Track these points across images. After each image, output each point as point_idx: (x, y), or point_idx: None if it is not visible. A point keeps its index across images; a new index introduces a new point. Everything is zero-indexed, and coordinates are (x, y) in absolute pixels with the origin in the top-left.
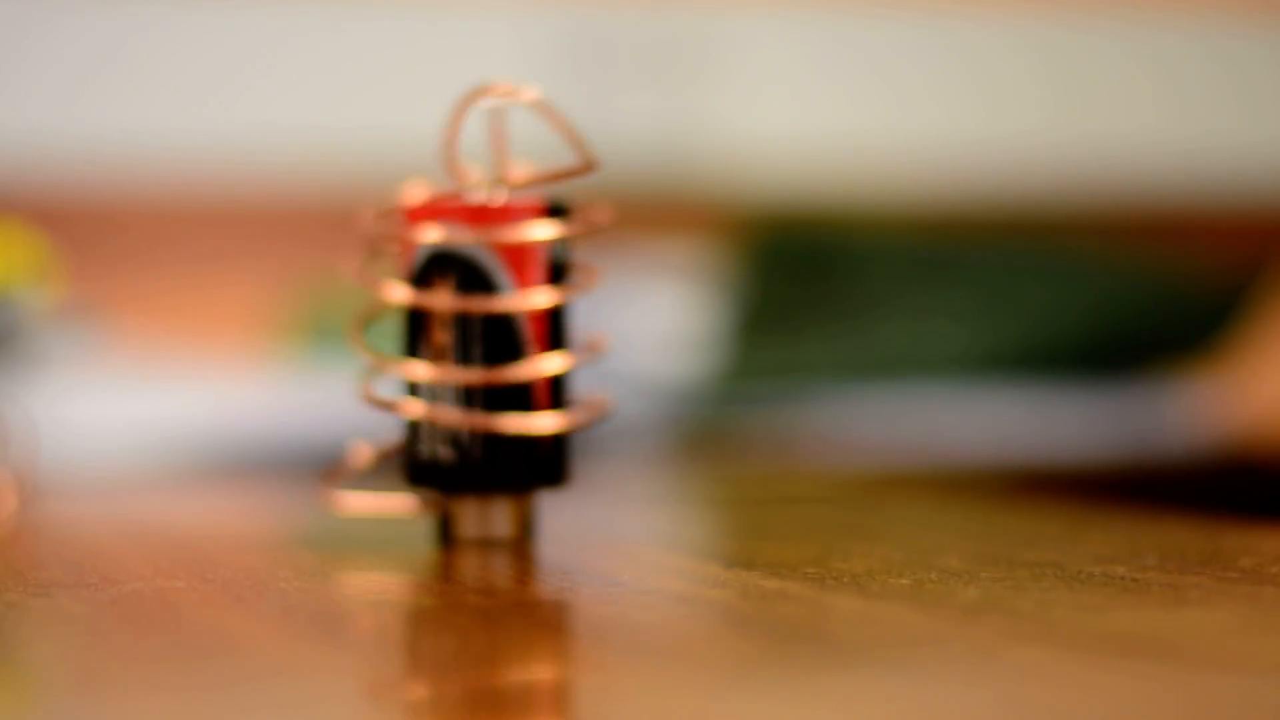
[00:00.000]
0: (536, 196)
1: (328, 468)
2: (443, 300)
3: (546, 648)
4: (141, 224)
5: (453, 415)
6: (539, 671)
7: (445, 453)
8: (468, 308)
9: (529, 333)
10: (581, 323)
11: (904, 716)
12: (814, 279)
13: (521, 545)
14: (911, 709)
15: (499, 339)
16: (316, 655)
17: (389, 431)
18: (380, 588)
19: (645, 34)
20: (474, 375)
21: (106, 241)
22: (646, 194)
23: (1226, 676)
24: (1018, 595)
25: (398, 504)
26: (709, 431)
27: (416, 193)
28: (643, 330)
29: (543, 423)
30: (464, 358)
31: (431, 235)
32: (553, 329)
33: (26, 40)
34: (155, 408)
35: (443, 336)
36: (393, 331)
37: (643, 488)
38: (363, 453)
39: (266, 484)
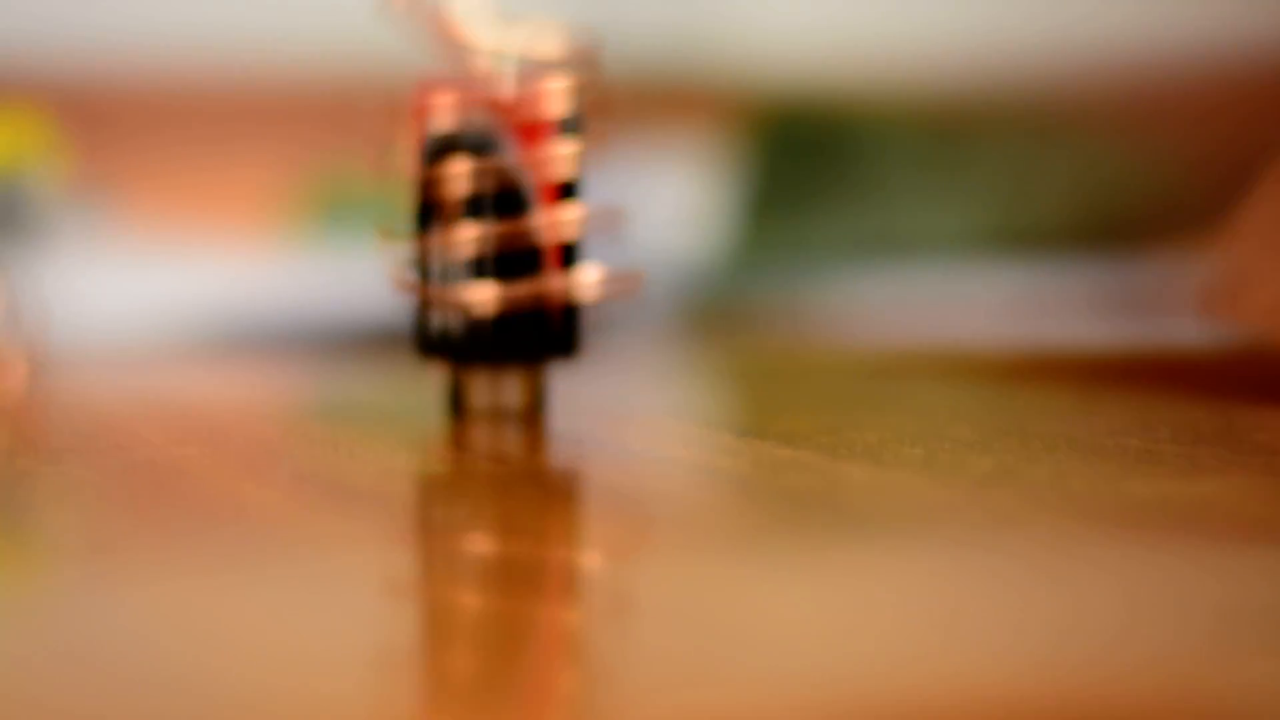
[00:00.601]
0: (547, 74)
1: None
2: (455, 169)
3: (558, 516)
4: (157, 104)
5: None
6: (550, 540)
7: (456, 324)
8: (481, 171)
9: (542, 201)
10: (595, 202)
11: (921, 585)
12: (823, 159)
13: (533, 416)
14: (928, 577)
15: (511, 209)
16: (329, 524)
17: (398, 306)
18: (392, 457)
19: None
20: (489, 230)
21: (121, 121)
22: (657, 77)
23: (1247, 544)
24: (1032, 465)
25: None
26: (719, 308)
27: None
28: (654, 209)
29: (562, 285)
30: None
31: (443, 115)
32: (564, 195)
33: None
34: (166, 284)
35: (455, 210)
36: (403, 216)
37: (654, 361)
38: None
39: (276, 359)
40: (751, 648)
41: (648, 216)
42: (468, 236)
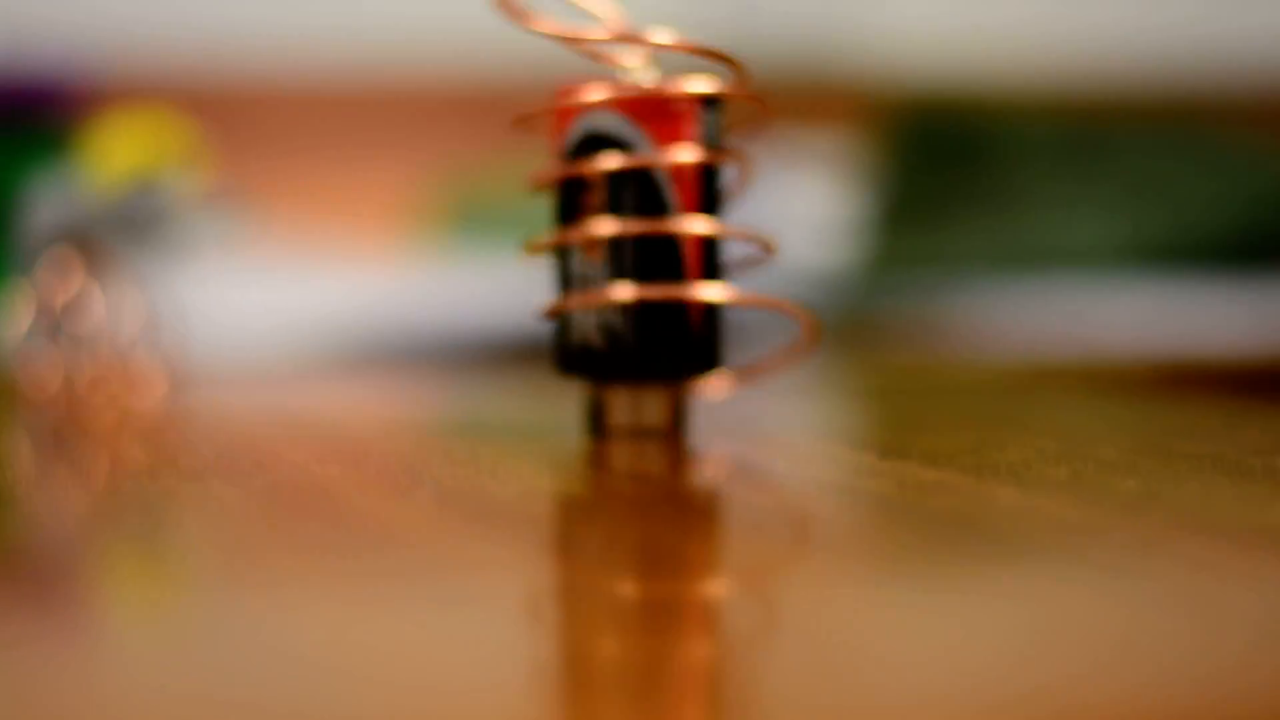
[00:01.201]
0: (690, 83)
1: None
2: (600, 166)
3: (701, 538)
4: (289, 110)
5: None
6: (693, 564)
7: (597, 340)
8: (624, 168)
9: (683, 204)
10: (731, 213)
11: (1069, 609)
12: (961, 167)
13: (674, 434)
14: (1077, 601)
15: (650, 205)
16: (472, 548)
17: (535, 320)
18: (533, 476)
19: None
20: (629, 229)
21: (254, 128)
22: (793, 80)
23: None
24: (1178, 487)
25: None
26: (856, 321)
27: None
28: (789, 218)
29: (702, 293)
30: (618, 240)
31: (589, 114)
32: (704, 197)
33: None
34: (302, 295)
35: (597, 205)
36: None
37: (793, 376)
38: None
39: (413, 372)
40: (896, 672)
41: (783, 224)
42: (609, 234)
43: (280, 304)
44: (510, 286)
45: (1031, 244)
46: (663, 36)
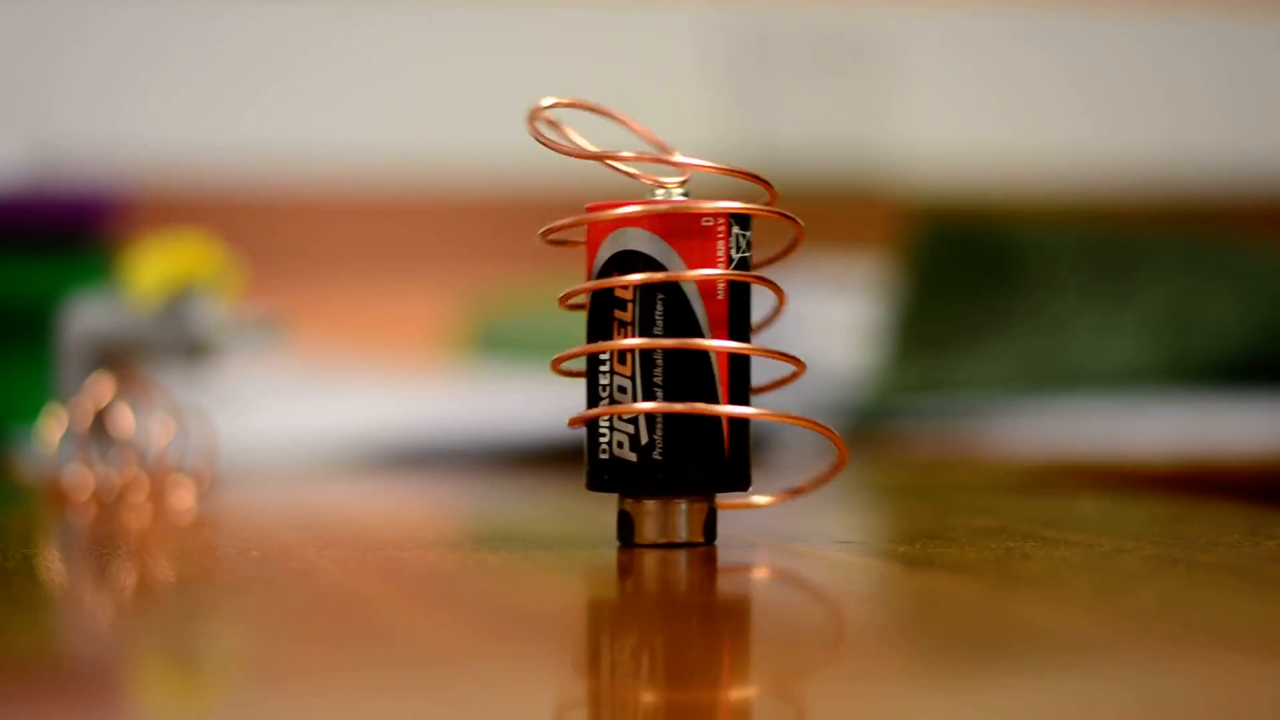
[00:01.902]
0: (718, 199)
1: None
2: (629, 279)
3: (728, 648)
4: (318, 227)
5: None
6: (720, 674)
7: (627, 455)
8: (651, 282)
9: (712, 321)
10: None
11: (1079, 716)
12: (984, 287)
13: (701, 545)
14: (1090, 714)
15: (680, 321)
16: (504, 663)
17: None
18: (564, 586)
19: (810, 32)
20: (658, 345)
21: (283, 249)
22: (818, 199)
23: None
24: (1196, 597)
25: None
26: (880, 431)
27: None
28: (818, 335)
29: (732, 410)
30: (648, 357)
31: (619, 232)
32: (734, 314)
33: (214, 46)
34: (330, 413)
35: (625, 335)
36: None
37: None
38: None
39: (443, 480)
40: None
41: (812, 341)
42: (637, 348)
43: (308, 422)
44: (539, 399)
45: (1054, 367)
46: (692, 157)
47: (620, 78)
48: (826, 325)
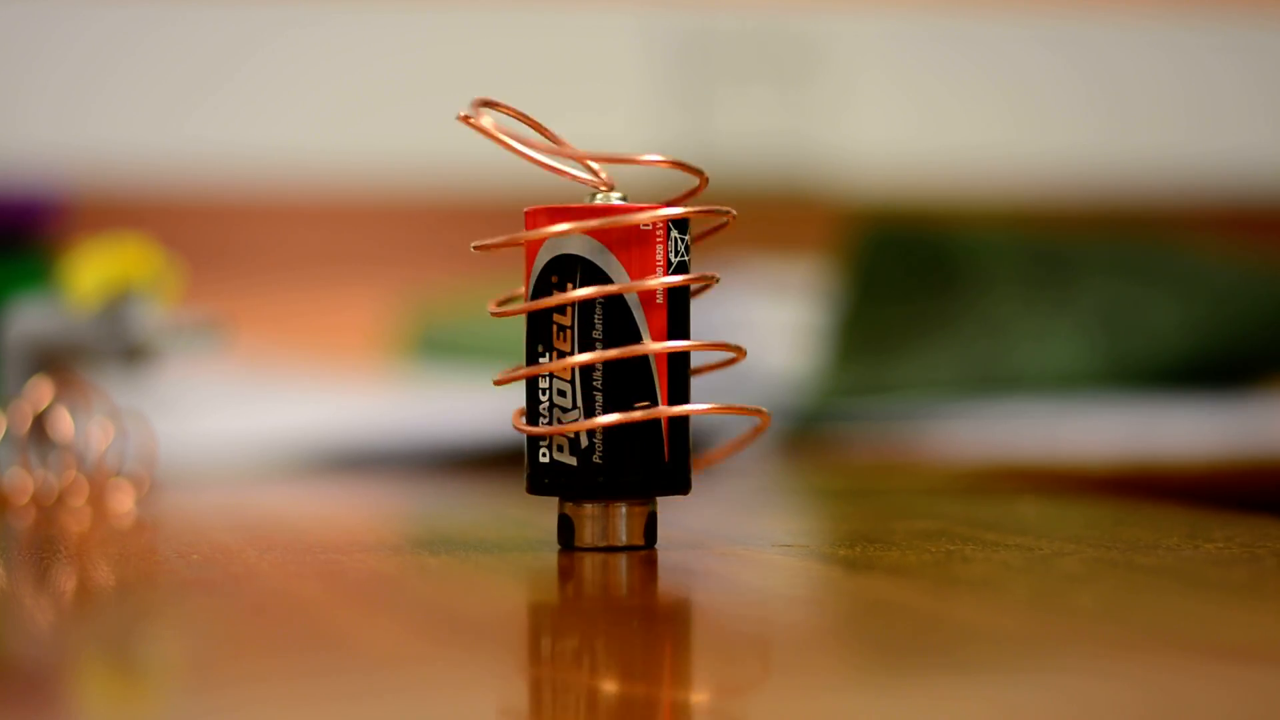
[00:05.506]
0: (658, 202)
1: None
2: (569, 295)
3: (669, 651)
4: (255, 235)
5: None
6: (661, 675)
7: (567, 459)
8: (593, 297)
9: (651, 323)
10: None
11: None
12: (924, 291)
13: (642, 549)
14: (1027, 716)
15: (620, 333)
16: (445, 667)
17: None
18: (504, 590)
19: (752, 36)
20: (599, 357)
21: (222, 253)
22: (758, 201)
23: None
24: (1136, 600)
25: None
26: (821, 434)
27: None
28: (755, 336)
29: (670, 411)
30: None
31: (557, 239)
32: (673, 315)
33: (153, 51)
34: (269, 417)
35: (564, 342)
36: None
37: (755, 489)
38: None
39: (386, 486)
40: None
41: (749, 341)
42: (579, 364)
43: (248, 421)
44: (479, 403)
45: (1000, 367)
46: (628, 154)
47: (562, 80)
48: (766, 328)
